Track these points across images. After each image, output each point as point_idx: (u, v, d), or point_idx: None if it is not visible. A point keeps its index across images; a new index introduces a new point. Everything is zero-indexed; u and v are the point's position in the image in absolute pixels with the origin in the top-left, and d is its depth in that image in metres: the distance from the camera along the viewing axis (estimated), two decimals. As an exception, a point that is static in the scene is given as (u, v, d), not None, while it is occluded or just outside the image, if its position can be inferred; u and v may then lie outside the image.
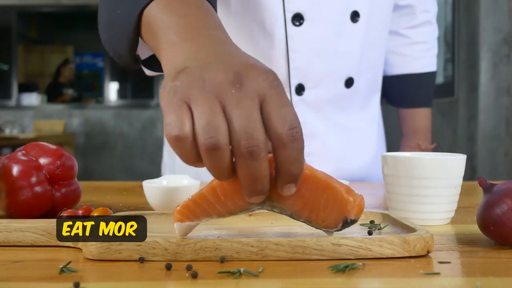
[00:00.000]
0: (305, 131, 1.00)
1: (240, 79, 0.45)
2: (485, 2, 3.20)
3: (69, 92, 7.17)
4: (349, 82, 1.01)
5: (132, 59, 0.67)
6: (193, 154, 0.44)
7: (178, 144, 0.44)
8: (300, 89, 0.99)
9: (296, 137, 0.43)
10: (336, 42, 0.98)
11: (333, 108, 1.03)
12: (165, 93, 0.46)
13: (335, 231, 0.48)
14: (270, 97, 0.44)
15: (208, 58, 0.48)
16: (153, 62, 0.69)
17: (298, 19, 0.94)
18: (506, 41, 3.18)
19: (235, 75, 0.45)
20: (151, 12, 0.59)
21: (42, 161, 0.66)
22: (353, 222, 0.47)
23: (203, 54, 0.49)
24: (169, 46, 0.53)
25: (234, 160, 0.44)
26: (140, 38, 0.64)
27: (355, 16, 0.97)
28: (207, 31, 0.54)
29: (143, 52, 0.69)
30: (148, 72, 0.72)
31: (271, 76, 0.46)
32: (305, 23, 0.95)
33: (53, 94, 6.98)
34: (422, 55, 1.18)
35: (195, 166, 0.45)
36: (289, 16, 0.94)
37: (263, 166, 0.43)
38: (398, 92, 1.20)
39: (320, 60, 0.98)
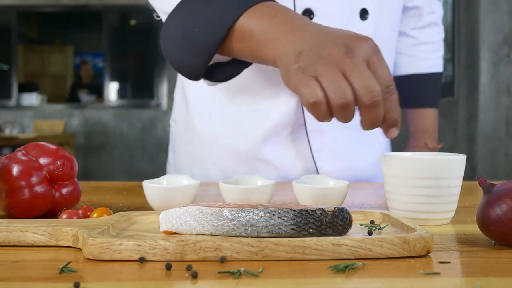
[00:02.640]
0: (314, 127, 1.01)
1: (351, 50, 0.58)
2: (485, 2, 3.20)
3: (87, 92, 7.18)
4: None
5: (203, 72, 0.78)
6: (327, 114, 0.59)
7: (315, 108, 0.58)
8: None
9: (392, 92, 0.59)
10: None
11: None
12: (293, 73, 0.60)
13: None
14: (373, 62, 0.58)
15: (316, 40, 0.62)
16: (209, 75, 0.83)
17: (307, 14, 0.95)
18: (506, 41, 3.18)
19: (346, 47, 0.59)
20: (243, 23, 0.70)
21: (42, 161, 0.66)
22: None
23: (310, 39, 0.63)
24: (274, 42, 0.66)
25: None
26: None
27: (364, 13, 0.98)
28: (299, 22, 0.67)
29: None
30: (208, 83, 0.85)
31: (371, 43, 0.60)
32: (314, 19, 0.95)
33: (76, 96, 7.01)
34: (428, 56, 1.19)
35: (328, 121, 0.60)
36: (299, 12, 0.94)
37: (381, 110, 0.58)
38: (404, 92, 1.21)
39: None
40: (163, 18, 0.83)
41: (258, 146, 1.01)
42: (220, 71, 0.83)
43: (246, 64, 0.82)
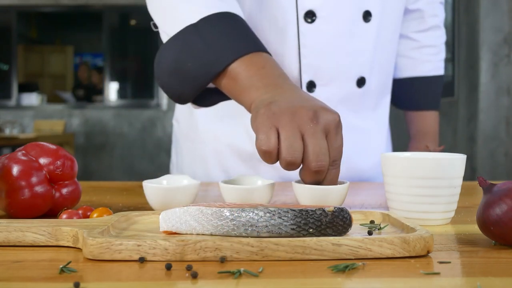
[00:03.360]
0: None
1: (317, 117, 0.63)
2: (485, 2, 3.20)
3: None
4: (360, 82, 1.01)
5: (190, 100, 0.84)
6: (273, 162, 0.62)
7: (265, 155, 0.62)
8: (311, 86, 0.99)
9: (336, 167, 0.64)
10: (348, 41, 0.97)
11: (345, 107, 1.02)
12: (260, 115, 0.65)
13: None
14: (331, 134, 0.64)
15: (291, 97, 0.67)
16: (197, 101, 0.90)
17: (310, 16, 0.95)
18: (506, 41, 3.18)
19: (314, 113, 0.63)
20: (232, 66, 0.76)
21: (42, 161, 0.66)
22: None
23: (287, 95, 0.69)
24: (254, 89, 0.73)
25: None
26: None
27: (367, 15, 0.98)
28: (282, 80, 0.73)
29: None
30: (194, 106, 0.91)
31: (337, 117, 0.65)
32: (317, 20, 0.95)
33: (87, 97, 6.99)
34: (430, 59, 1.19)
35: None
36: (301, 13, 0.95)
37: (321, 177, 0.63)
38: (406, 95, 1.21)
39: (332, 57, 0.97)
40: (164, 38, 0.86)
41: None
42: (206, 97, 0.89)
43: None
